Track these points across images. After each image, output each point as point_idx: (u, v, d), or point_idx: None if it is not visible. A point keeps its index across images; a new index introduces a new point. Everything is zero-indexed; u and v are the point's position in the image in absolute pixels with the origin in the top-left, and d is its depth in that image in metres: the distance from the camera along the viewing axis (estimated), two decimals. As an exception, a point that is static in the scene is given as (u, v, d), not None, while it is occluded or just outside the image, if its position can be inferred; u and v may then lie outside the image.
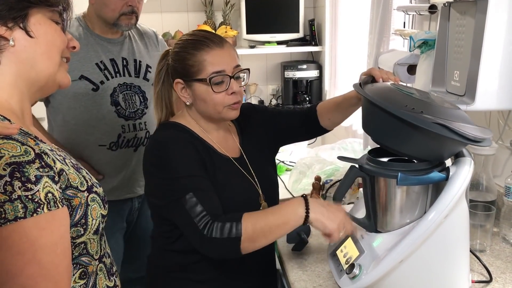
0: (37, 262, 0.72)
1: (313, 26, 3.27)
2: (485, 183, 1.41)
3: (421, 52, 1.57)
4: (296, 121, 1.45)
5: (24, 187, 0.71)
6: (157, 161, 1.19)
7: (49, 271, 0.73)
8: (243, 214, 1.11)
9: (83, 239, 0.85)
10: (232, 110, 1.25)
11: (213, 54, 1.20)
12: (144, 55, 1.82)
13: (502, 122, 1.45)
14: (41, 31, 0.84)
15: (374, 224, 1.15)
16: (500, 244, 1.36)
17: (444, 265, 1.08)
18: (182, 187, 1.14)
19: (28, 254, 0.71)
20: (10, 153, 0.71)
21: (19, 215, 0.70)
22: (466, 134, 0.97)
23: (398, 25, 2.06)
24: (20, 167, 0.71)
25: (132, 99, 1.76)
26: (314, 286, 1.19)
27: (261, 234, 1.10)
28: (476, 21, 1.22)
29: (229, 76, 1.21)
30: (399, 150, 1.08)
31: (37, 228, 0.72)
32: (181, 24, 3.32)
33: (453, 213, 1.05)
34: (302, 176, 2.08)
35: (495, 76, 1.20)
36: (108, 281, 0.94)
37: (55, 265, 0.74)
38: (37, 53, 0.84)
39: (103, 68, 1.70)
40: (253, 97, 3.53)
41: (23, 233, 0.71)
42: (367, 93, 1.11)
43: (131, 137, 1.78)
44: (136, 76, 1.78)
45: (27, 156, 0.73)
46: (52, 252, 0.74)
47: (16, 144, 0.73)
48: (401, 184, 1.06)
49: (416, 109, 1.00)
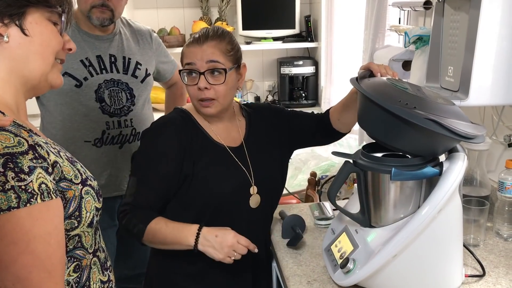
0: (30, 252, 0.72)
1: (309, 22, 3.27)
2: (479, 178, 1.42)
3: (416, 48, 1.57)
4: (311, 124, 1.46)
5: (17, 177, 0.71)
6: (141, 146, 1.34)
7: (43, 261, 0.74)
8: (154, 218, 1.23)
9: (77, 232, 0.85)
10: (203, 107, 1.29)
11: (189, 48, 1.28)
12: (134, 52, 1.81)
13: (496, 118, 1.46)
14: (36, 31, 0.84)
15: (368, 219, 1.16)
16: (494, 238, 1.37)
17: (438, 259, 1.09)
18: (136, 168, 1.31)
19: (21, 244, 0.72)
20: (3, 144, 0.72)
21: (13, 205, 0.71)
22: (458, 130, 0.98)
23: (393, 21, 2.06)
24: (13, 158, 0.72)
25: (118, 96, 1.76)
26: (308, 281, 1.20)
27: (159, 243, 1.25)
28: (470, 16, 1.22)
29: (199, 72, 1.26)
30: (393, 145, 1.09)
31: (30, 218, 0.72)
32: (177, 20, 3.32)
33: (447, 208, 1.05)
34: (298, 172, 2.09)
35: (489, 71, 1.20)
36: (102, 276, 0.94)
37: (49, 256, 0.75)
38: (31, 52, 0.84)
39: (88, 64, 1.70)
40: (249, 93, 3.53)
41: (16, 223, 0.71)
42: (362, 87, 1.11)
43: (115, 134, 1.77)
44: (124, 73, 1.77)
45: (21, 147, 0.73)
46: (46, 242, 0.74)
47: (9, 135, 0.74)
48: (395, 179, 1.07)
49: (410, 105, 1.00)
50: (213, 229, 1.20)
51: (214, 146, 1.31)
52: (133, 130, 1.81)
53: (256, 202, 1.34)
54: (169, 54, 2.02)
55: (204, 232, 1.19)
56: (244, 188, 1.33)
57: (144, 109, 1.85)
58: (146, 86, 1.84)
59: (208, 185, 1.29)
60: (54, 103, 1.71)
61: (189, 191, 1.28)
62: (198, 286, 1.35)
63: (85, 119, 1.73)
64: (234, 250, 1.18)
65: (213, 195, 1.29)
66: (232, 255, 1.18)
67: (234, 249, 1.18)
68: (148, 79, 1.84)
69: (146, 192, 1.27)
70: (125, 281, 1.97)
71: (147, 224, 1.22)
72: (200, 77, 1.25)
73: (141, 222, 1.23)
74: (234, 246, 1.17)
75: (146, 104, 1.87)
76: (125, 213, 1.25)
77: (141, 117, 1.83)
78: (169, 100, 2.15)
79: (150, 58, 1.87)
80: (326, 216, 1.52)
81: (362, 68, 1.28)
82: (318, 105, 3.32)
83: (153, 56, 1.89)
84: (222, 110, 1.32)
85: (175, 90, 2.11)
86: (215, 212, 1.30)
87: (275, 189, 1.43)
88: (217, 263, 1.20)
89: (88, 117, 1.73)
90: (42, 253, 0.74)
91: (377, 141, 1.13)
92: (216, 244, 1.17)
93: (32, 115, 1.63)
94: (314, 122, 1.46)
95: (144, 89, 1.83)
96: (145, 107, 1.86)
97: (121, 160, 1.80)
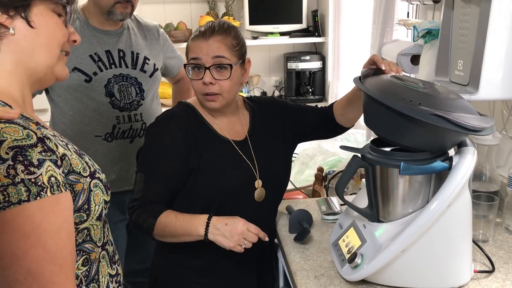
0: (41, 245, 0.72)
1: (316, 17, 3.25)
2: (489, 174, 1.40)
3: (425, 42, 1.55)
4: (315, 117, 1.46)
5: (27, 170, 0.71)
6: (146, 140, 1.34)
7: (54, 254, 0.74)
8: (163, 212, 1.23)
9: (86, 225, 0.85)
10: (207, 101, 1.29)
11: (195, 43, 1.28)
12: (142, 47, 1.82)
13: (506, 112, 1.44)
14: (42, 23, 0.84)
15: (376, 213, 1.15)
16: (503, 234, 1.36)
17: (446, 254, 1.08)
18: (143, 164, 1.31)
19: (32, 237, 0.72)
20: (12, 136, 0.72)
21: (23, 198, 0.71)
22: (464, 124, 0.97)
23: (402, 15, 2.04)
24: (22, 150, 0.71)
25: (128, 91, 1.77)
26: (316, 275, 1.19)
27: (169, 236, 1.24)
28: (481, 9, 1.21)
29: (204, 67, 1.25)
30: (401, 143, 1.08)
31: (41, 212, 0.72)
32: (183, 15, 3.31)
33: (456, 203, 1.05)
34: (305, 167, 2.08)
35: (500, 65, 1.18)
36: (110, 269, 0.94)
37: (60, 249, 0.75)
38: (37, 44, 0.84)
39: (97, 59, 1.71)
40: (256, 89, 3.53)
41: (27, 217, 0.71)
42: (366, 87, 1.10)
43: (126, 128, 1.78)
44: (133, 67, 1.78)
45: (30, 140, 0.73)
46: (57, 235, 0.74)
47: (18, 128, 0.73)
48: (404, 174, 1.06)
49: (414, 101, 1.00)
50: (223, 218, 1.20)
51: (219, 140, 1.31)
52: (143, 125, 1.82)
53: (260, 196, 1.34)
54: (176, 49, 2.02)
55: (213, 221, 1.19)
56: (249, 181, 1.33)
57: (153, 103, 1.86)
58: (155, 81, 1.85)
59: (214, 178, 1.29)
60: (64, 99, 1.72)
61: (194, 185, 1.28)
62: (203, 280, 1.35)
63: (95, 113, 1.73)
64: (244, 238, 1.17)
65: (219, 189, 1.29)
66: (243, 243, 1.17)
67: (245, 237, 1.17)
68: (156, 74, 1.85)
69: (154, 187, 1.27)
70: (133, 275, 1.98)
71: (156, 217, 1.22)
72: (205, 72, 1.25)
73: (151, 216, 1.23)
74: (244, 234, 1.17)
75: (155, 99, 1.88)
76: (134, 209, 1.25)
77: (151, 112, 1.83)
78: (176, 95, 2.15)
79: (158, 53, 1.88)
80: (333, 211, 1.52)
81: (365, 65, 1.28)
82: (325, 100, 3.31)
83: (160, 51, 1.89)
84: (227, 105, 1.32)
85: (181, 85, 2.11)
86: (220, 205, 1.30)
87: (279, 182, 1.43)
88: (222, 257, 1.20)
89: (98, 112, 1.73)
90: (53, 247, 0.74)
91: (384, 139, 1.12)
92: (226, 233, 1.17)
93: (39, 109, 1.64)
94: (318, 116, 1.46)
95: (152, 83, 1.84)
96: (154, 102, 1.87)
97: (132, 154, 1.80)
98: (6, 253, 0.71)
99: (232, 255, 1.21)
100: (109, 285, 0.93)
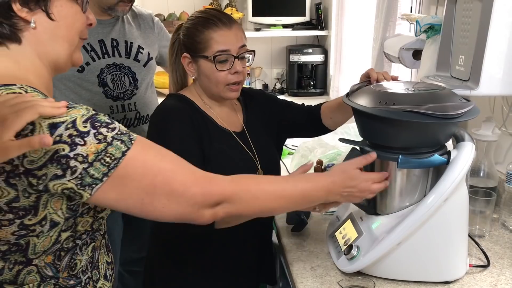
0: (159, 173, 0.80)
1: (320, 10, 3.24)
2: (487, 169, 1.41)
3: (427, 37, 1.55)
4: (302, 116, 1.49)
5: (109, 129, 0.77)
6: (156, 130, 1.26)
7: (171, 169, 0.82)
8: None
9: (103, 214, 0.88)
10: (232, 91, 1.29)
11: (220, 33, 1.24)
12: (136, 36, 1.81)
13: (506, 109, 1.44)
14: (62, 14, 0.84)
15: (373, 206, 1.16)
16: (499, 230, 1.37)
17: (442, 248, 1.09)
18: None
19: (150, 173, 0.79)
20: (79, 113, 0.76)
21: (123, 149, 0.77)
22: (435, 114, 0.97)
23: (405, 9, 2.04)
24: (94, 118, 0.77)
25: (121, 80, 1.76)
26: (312, 266, 1.20)
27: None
28: (483, 5, 1.20)
29: (233, 56, 1.25)
30: (397, 146, 1.08)
31: (142, 150, 0.80)
32: (186, 5, 3.30)
33: (453, 197, 1.05)
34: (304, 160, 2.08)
35: (501, 60, 1.18)
36: (107, 257, 0.96)
37: (172, 161, 0.84)
38: (58, 36, 0.84)
39: (90, 49, 1.70)
40: (257, 81, 3.52)
41: (136, 160, 0.78)
42: (348, 100, 1.13)
43: (120, 118, 1.78)
44: (126, 57, 1.77)
45: (91, 111, 0.78)
46: (162, 159, 0.82)
47: (77, 107, 0.78)
48: (401, 167, 1.06)
49: (389, 103, 1.01)
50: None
51: (221, 131, 1.31)
52: (137, 114, 1.81)
53: None
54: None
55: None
56: (252, 171, 1.33)
57: (147, 92, 1.85)
58: (149, 70, 1.85)
59: (224, 169, 1.24)
60: (57, 89, 1.71)
61: None
62: (201, 276, 1.33)
63: (89, 103, 1.71)
64: None
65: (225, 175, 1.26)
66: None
67: None
68: (150, 63, 1.84)
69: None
70: (131, 264, 1.99)
71: None
72: (234, 61, 1.25)
73: None
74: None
75: (149, 88, 1.88)
76: None
77: (145, 101, 1.83)
78: None
79: (153, 42, 1.87)
80: (331, 204, 1.52)
81: (361, 78, 1.31)
82: (327, 94, 3.31)
83: (155, 40, 1.89)
84: None
85: None
86: None
87: (277, 172, 1.44)
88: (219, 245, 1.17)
89: (91, 102, 1.72)
90: (168, 165, 0.82)
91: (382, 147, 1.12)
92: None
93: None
94: (305, 115, 1.49)
95: (146, 73, 1.83)
96: (148, 91, 1.86)
97: None
98: (137, 199, 0.79)
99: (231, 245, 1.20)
100: (106, 272, 0.95)
